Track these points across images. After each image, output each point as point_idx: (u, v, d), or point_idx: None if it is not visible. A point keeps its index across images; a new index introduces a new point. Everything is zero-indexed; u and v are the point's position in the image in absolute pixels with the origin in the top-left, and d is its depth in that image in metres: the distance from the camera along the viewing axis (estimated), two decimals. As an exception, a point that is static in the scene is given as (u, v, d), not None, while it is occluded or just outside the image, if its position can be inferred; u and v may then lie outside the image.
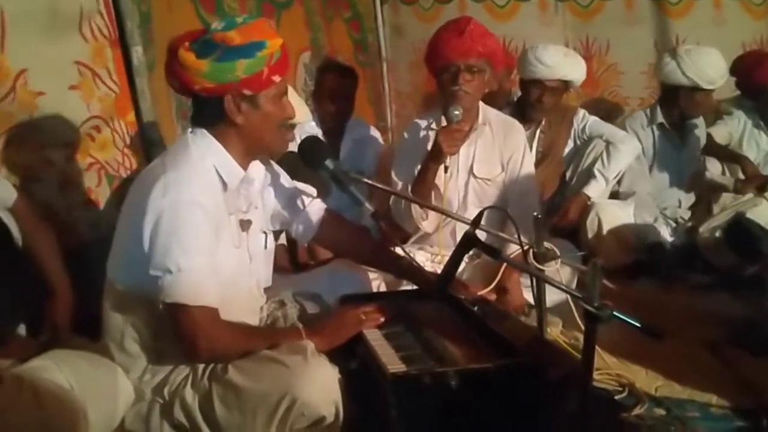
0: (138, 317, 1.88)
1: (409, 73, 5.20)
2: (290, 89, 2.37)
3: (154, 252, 1.74)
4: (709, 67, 3.49)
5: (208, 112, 1.88)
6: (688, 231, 3.52)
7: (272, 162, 2.17)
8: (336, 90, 3.55)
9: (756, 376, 2.22)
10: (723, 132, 3.85)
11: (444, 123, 2.71)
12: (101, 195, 2.73)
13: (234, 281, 1.92)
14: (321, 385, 1.75)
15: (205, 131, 1.89)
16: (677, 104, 3.63)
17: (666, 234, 3.52)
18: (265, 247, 2.09)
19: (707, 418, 2.06)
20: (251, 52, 1.80)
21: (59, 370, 1.59)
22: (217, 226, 1.83)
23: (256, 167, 2.06)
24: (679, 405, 2.12)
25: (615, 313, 1.63)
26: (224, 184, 1.89)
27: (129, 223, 1.83)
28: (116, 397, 1.73)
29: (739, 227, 2.85)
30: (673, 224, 3.64)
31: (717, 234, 3.14)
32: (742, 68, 3.90)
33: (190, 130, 1.93)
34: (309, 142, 2.17)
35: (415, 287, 2.32)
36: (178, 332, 1.79)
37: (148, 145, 2.87)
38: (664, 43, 4.77)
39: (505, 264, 2.54)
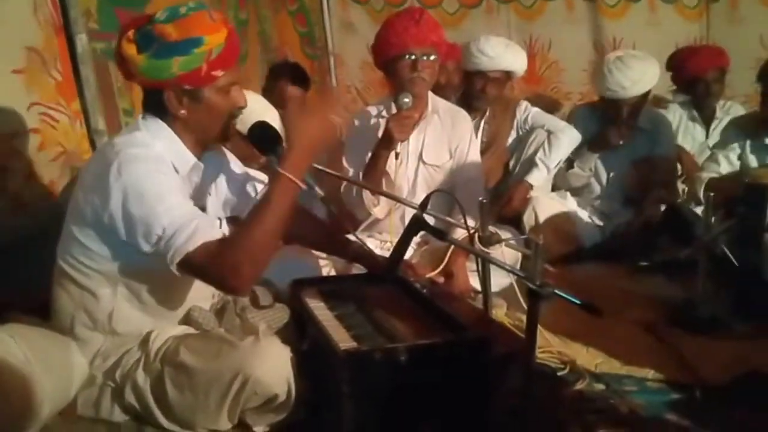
0: (94, 299, 1.87)
1: (360, 70, 5.26)
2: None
3: (137, 233, 1.71)
4: (626, 80, 3.44)
5: (153, 103, 1.87)
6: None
7: (224, 148, 2.18)
8: (287, 96, 3.57)
9: (690, 353, 2.33)
10: None
11: (394, 111, 2.75)
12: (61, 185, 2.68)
13: None
14: (273, 364, 1.78)
15: (156, 118, 1.88)
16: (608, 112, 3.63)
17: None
18: (219, 233, 2.10)
19: (644, 391, 2.14)
20: (187, 49, 1.77)
21: (14, 342, 1.58)
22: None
23: (208, 153, 2.07)
24: (617, 380, 2.20)
25: (556, 291, 1.71)
26: (175, 171, 1.87)
27: (84, 209, 1.80)
28: (71, 371, 1.73)
29: (675, 213, 2.97)
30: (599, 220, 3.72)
31: None
32: (676, 63, 4.04)
33: (141, 115, 1.92)
34: (259, 126, 2.17)
35: (365, 271, 2.36)
36: (207, 280, 1.77)
37: (94, 133, 2.85)
38: (601, 42, 4.97)
39: (451, 248, 2.62)
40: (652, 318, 2.66)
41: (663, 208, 3.38)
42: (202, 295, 2.05)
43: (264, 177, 2.28)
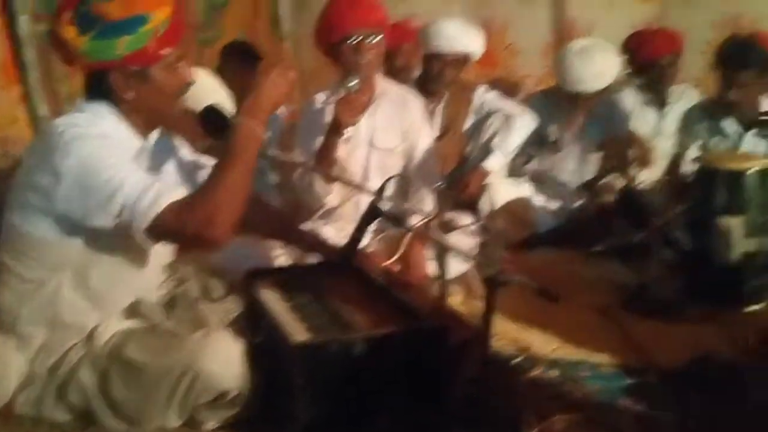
0: (39, 290, 1.80)
1: (313, 50, 5.14)
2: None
3: (95, 209, 1.64)
4: (587, 74, 3.48)
5: (98, 86, 1.79)
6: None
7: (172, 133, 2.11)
8: (239, 76, 3.49)
9: (644, 337, 2.35)
10: None
11: (342, 95, 2.70)
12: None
13: (137, 256, 1.85)
14: (223, 359, 1.73)
15: (100, 101, 1.80)
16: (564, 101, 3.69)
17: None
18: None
19: (598, 377, 2.16)
20: (133, 28, 1.70)
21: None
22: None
23: (156, 138, 2.00)
24: (572, 366, 2.21)
25: (513, 277, 1.70)
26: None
27: (29, 196, 1.73)
28: (8, 370, 1.65)
29: (629, 196, 2.99)
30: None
31: None
32: (631, 46, 4.05)
33: (84, 99, 1.84)
34: (209, 111, 2.11)
35: (321, 260, 2.32)
36: (180, 239, 1.73)
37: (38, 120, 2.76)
38: (559, 24, 4.91)
39: (408, 236, 2.59)
40: (606, 302, 2.67)
41: (617, 192, 3.39)
42: (149, 285, 1.98)
43: (214, 162, 2.22)
